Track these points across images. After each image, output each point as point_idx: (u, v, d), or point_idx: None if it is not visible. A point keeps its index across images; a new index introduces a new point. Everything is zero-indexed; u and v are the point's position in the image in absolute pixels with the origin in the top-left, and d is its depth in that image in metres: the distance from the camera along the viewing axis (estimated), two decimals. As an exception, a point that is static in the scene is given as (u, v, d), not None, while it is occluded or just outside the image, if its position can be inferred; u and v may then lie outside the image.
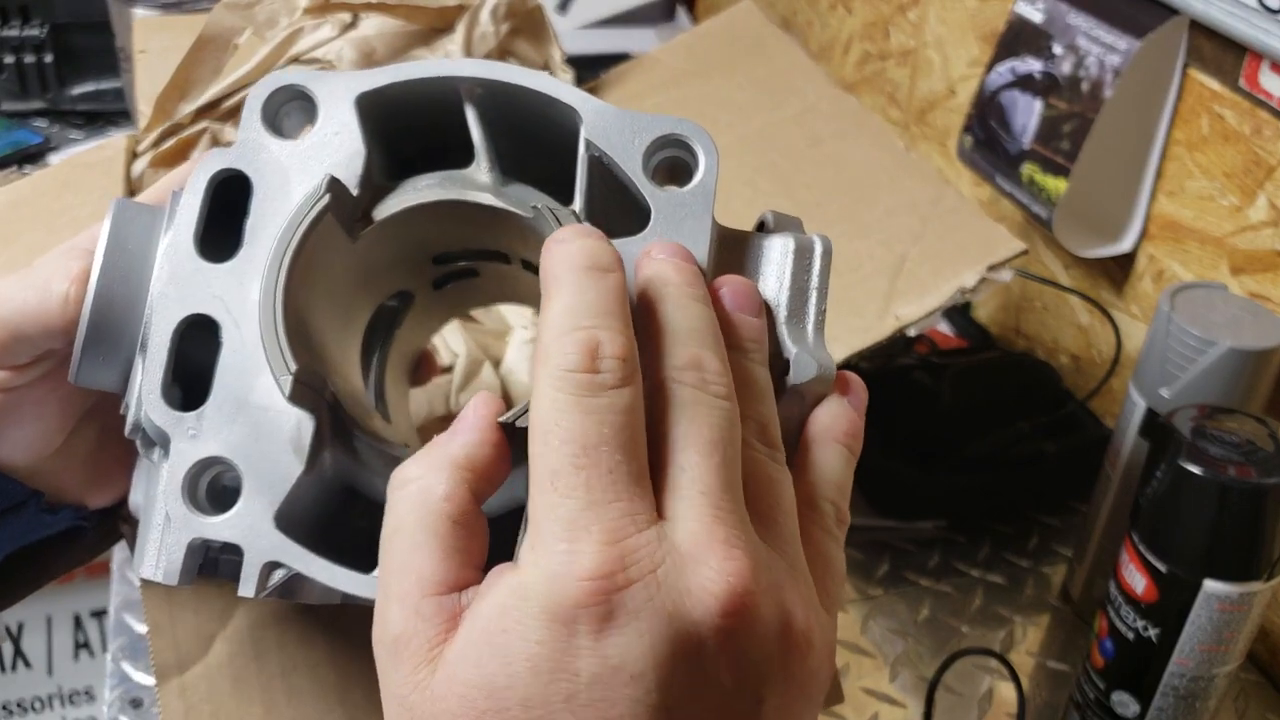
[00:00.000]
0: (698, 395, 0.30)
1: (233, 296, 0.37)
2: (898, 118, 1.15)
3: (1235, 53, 0.74)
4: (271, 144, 0.38)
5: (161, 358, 0.36)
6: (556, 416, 0.29)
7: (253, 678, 0.47)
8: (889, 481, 0.84)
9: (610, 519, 0.28)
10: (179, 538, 0.34)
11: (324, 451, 0.36)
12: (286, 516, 0.35)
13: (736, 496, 0.30)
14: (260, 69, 0.61)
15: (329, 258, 0.38)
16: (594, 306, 0.30)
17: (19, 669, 1.33)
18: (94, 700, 1.35)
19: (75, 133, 1.31)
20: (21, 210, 0.62)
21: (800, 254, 0.37)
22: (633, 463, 0.29)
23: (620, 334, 0.30)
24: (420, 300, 0.47)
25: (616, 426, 0.29)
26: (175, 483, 0.35)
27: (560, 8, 1.49)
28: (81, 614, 1.34)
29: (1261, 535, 0.58)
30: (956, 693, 0.72)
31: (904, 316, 0.61)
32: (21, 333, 0.40)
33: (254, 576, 0.34)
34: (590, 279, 0.31)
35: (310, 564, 0.34)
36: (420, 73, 0.38)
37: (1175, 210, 0.82)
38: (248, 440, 0.35)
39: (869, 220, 0.65)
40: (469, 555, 0.31)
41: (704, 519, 0.29)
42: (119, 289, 0.38)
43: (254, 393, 0.36)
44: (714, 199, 0.37)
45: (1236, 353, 0.65)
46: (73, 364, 0.39)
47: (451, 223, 0.40)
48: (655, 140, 0.37)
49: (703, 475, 0.29)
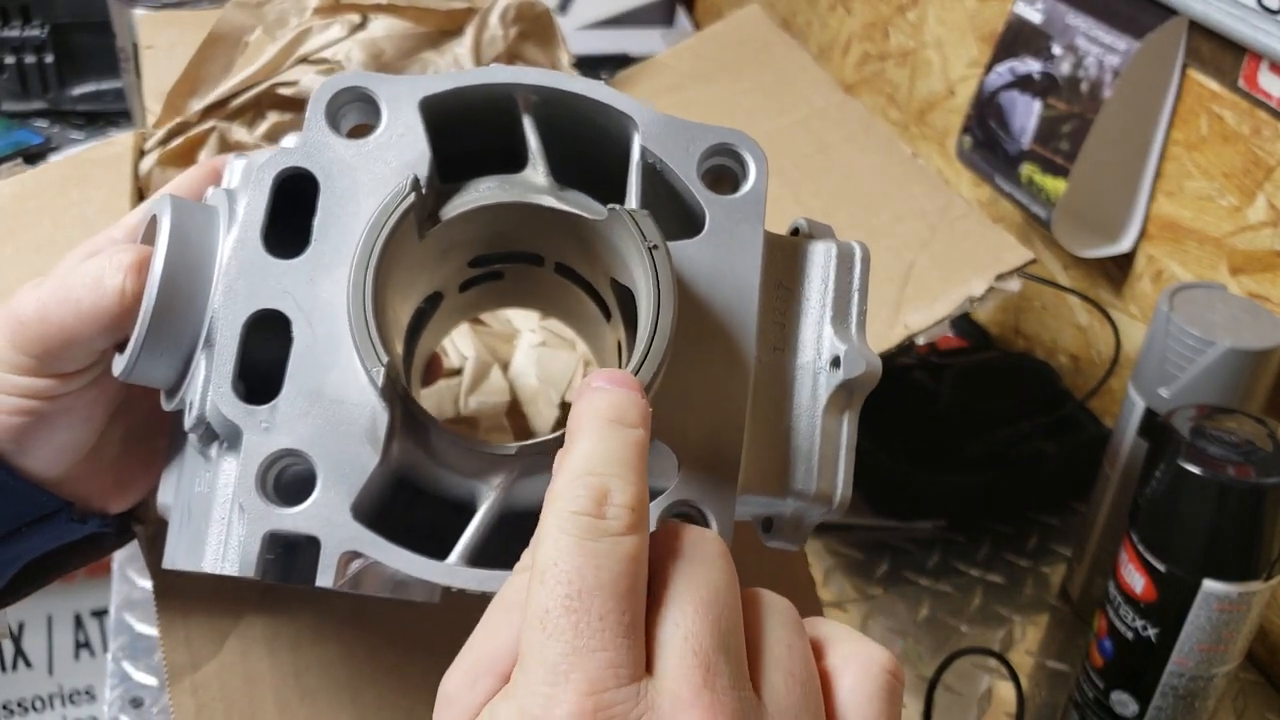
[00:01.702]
0: (700, 548, 0.30)
1: (302, 292, 0.37)
2: (897, 118, 1.16)
3: (1234, 53, 0.75)
4: (336, 144, 0.38)
5: (232, 351, 0.36)
6: (556, 556, 0.28)
7: (265, 676, 0.47)
8: (888, 481, 0.85)
9: (593, 668, 0.27)
10: (254, 530, 0.34)
11: (395, 443, 0.36)
12: (361, 507, 0.35)
13: (735, 662, 0.29)
14: (269, 68, 0.62)
15: (398, 256, 0.38)
16: (611, 456, 0.30)
17: (19, 668, 1.33)
18: (95, 700, 1.35)
19: (76, 133, 1.31)
20: (26, 203, 0.62)
21: (842, 259, 0.39)
22: (626, 613, 0.28)
23: (633, 484, 0.30)
24: (447, 302, 0.48)
25: (615, 573, 0.28)
26: (249, 475, 0.35)
27: (560, 8, 1.50)
28: (82, 613, 1.34)
29: (1260, 535, 0.58)
30: (956, 692, 0.72)
31: (913, 325, 0.61)
32: (75, 335, 0.40)
33: (332, 566, 0.34)
34: (612, 431, 0.31)
35: (389, 553, 0.34)
36: (482, 79, 0.39)
37: (1174, 210, 0.82)
38: (322, 433, 0.35)
39: (877, 227, 0.65)
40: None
41: (692, 681, 0.28)
42: (182, 281, 0.38)
43: (327, 386, 0.36)
44: (764, 204, 0.38)
45: (1235, 353, 0.66)
46: (129, 357, 0.39)
47: (508, 224, 0.40)
48: (709, 149, 0.39)
49: (696, 634, 0.28)
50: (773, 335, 0.39)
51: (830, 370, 0.38)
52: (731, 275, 0.38)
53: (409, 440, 0.36)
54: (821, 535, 0.83)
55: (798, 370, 0.39)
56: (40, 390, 0.41)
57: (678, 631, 0.28)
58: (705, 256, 0.38)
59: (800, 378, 0.39)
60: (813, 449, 0.38)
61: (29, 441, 0.42)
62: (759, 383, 0.38)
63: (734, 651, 0.29)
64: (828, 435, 0.38)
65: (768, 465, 0.38)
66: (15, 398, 0.41)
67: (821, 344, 0.38)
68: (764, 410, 0.38)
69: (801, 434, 0.38)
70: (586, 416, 0.31)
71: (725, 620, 0.29)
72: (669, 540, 0.30)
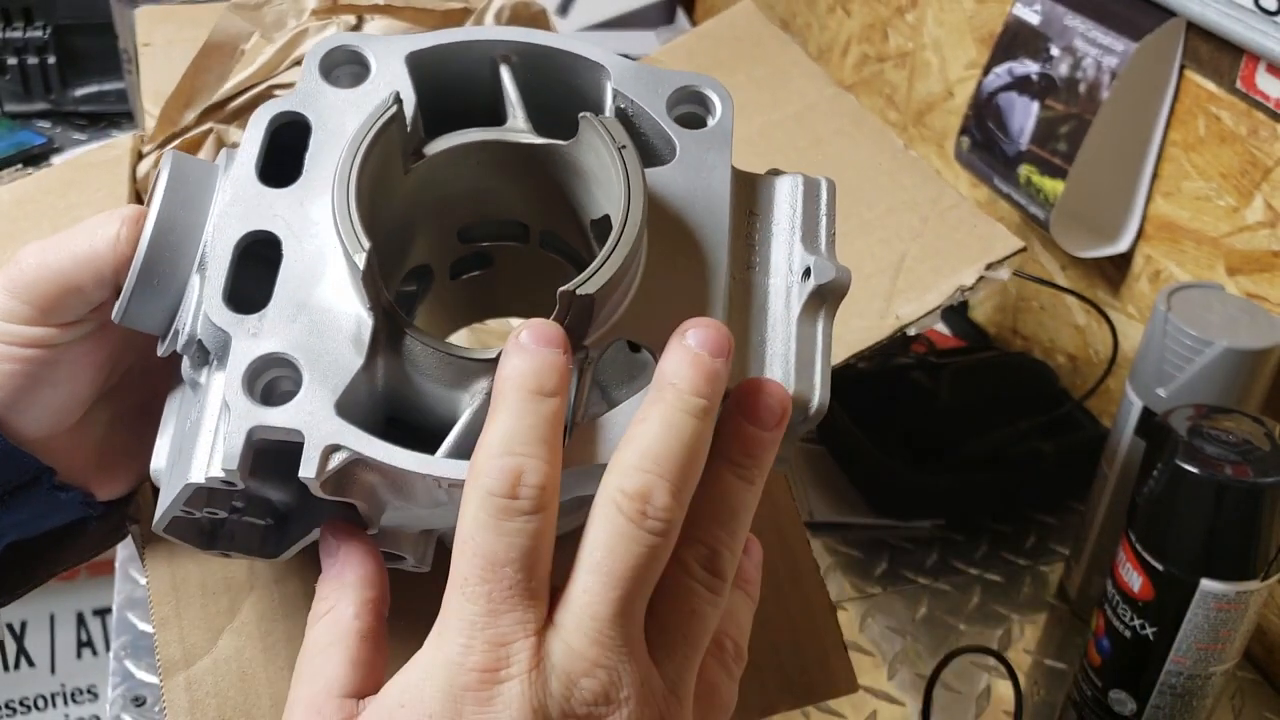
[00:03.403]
0: (627, 527, 0.33)
1: (293, 215, 0.39)
2: (896, 119, 1.16)
3: (1232, 54, 0.75)
4: (329, 92, 0.41)
5: (223, 268, 0.38)
6: (474, 530, 0.33)
7: (260, 671, 0.48)
8: (887, 480, 0.85)
9: (503, 626, 0.32)
10: (239, 425, 0.35)
11: (380, 356, 0.37)
12: (345, 409, 0.36)
13: (626, 624, 0.33)
14: (266, 70, 0.62)
15: (386, 187, 0.40)
16: (527, 434, 0.33)
17: (22, 667, 1.33)
18: (97, 699, 1.35)
19: (78, 134, 1.31)
20: (26, 208, 0.63)
21: (809, 187, 0.42)
22: (531, 580, 0.33)
23: (545, 463, 0.33)
24: (436, 288, 0.48)
25: (523, 549, 0.33)
26: (236, 377, 0.36)
27: (561, 10, 1.50)
28: (84, 612, 1.34)
29: (1258, 534, 0.58)
30: (954, 690, 0.72)
31: (904, 316, 0.61)
32: (73, 283, 0.41)
33: (314, 459, 0.35)
34: (531, 404, 0.34)
35: (371, 446, 0.35)
36: (462, 36, 0.42)
37: (1172, 211, 0.82)
38: (308, 337, 0.37)
39: (870, 218, 0.65)
40: (372, 670, 0.36)
41: (584, 638, 0.33)
42: (179, 221, 0.40)
43: (314, 297, 0.37)
44: (731, 138, 0.41)
45: (1233, 352, 0.66)
46: (124, 295, 0.40)
47: (490, 176, 0.42)
48: (676, 91, 0.41)
49: (596, 602, 0.33)
50: (744, 256, 0.41)
51: (802, 282, 0.40)
52: (703, 196, 0.40)
53: (392, 352, 0.37)
54: (820, 535, 0.84)
55: (770, 287, 0.40)
56: (39, 339, 0.42)
57: (583, 597, 0.33)
58: (676, 179, 0.40)
59: (773, 293, 0.40)
60: (789, 353, 0.39)
61: (21, 398, 0.42)
62: (734, 299, 0.39)
63: (631, 618, 0.33)
64: (803, 339, 0.39)
65: (746, 373, 0.39)
66: (13, 347, 0.42)
67: (793, 261, 0.40)
68: (739, 323, 0.39)
69: (777, 341, 0.39)
70: (509, 384, 0.34)
71: (631, 589, 0.33)
72: (608, 509, 0.33)
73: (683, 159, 0.40)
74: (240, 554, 0.43)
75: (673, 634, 0.35)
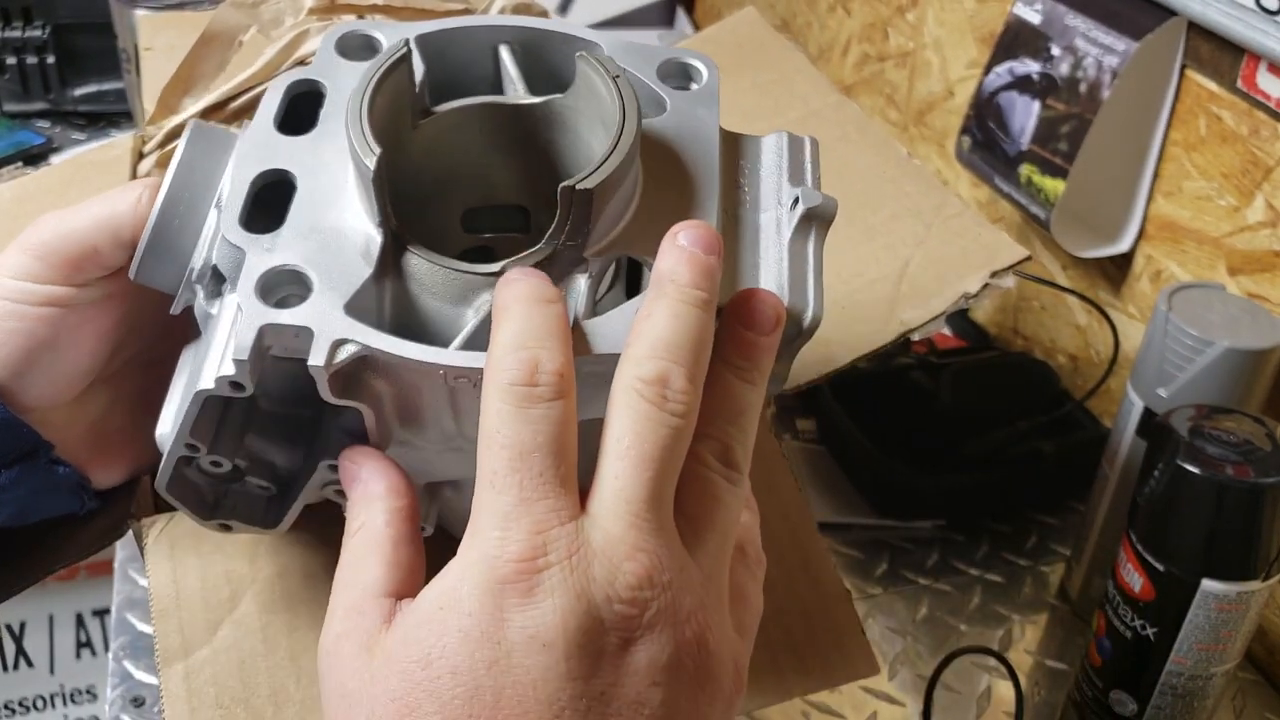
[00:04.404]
0: (650, 410, 0.34)
1: (308, 157, 0.41)
2: (896, 119, 1.16)
3: (1233, 54, 0.75)
4: (343, 64, 0.44)
5: (240, 197, 0.39)
6: (499, 424, 0.33)
7: (260, 661, 0.47)
8: (888, 481, 0.85)
9: (537, 514, 0.32)
10: (250, 323, 0.36)
11: (388, 273, 0.38)
12: (354, 311, 0.37)
13: (659, 509, 0.33)
14: (266, 71, 0.62)
15: (395, 135, 0.41)
16: (537, 330, 0.34)
17: (21, 668, 1.33)
18: (96, 699, 1.35)
19: (77, 134, 1.31)
20: (26, 206, 0.63)
21: (794, 141, 0.44)
22: (561, 466, 0.33)
23: (559, 353, 0.34)
24: None
25: (550, 435, 0.33)
26: (249, 284, 0.37)
27: (561, 9, 1.50)
28: (84, 613, 1.34)
29: (1259, 535, 0.58)
30: (955, 691, 0.72)
31: (908, 321, 0.61)
32: (90, 243, 0.42)
33: (324, 350, 0.35)
34: (536, 308, 0.35)
35: (380, 339, 0.36)
36: (467, 23, 0.45)
37: (1173, 211, 0.82)
38: (319, 253, 0.38)
39: (873, 225, 0.65)
40: (410, 572, 0.36)
41: (621, 523, 0.33)
42: (198, 169, 0.42)
43: (326, 220, 0.39)
44: (718, 99, 0.43)
45: (1234, 353, 0.66)
46: (140, 250, 0.42)
47: (490, 143, 0.44)
48: (665, 63, 0.44)
49: (629, 485, 0.33)
50: (735, 196, 0.43)
51: (791, 210, 0.41)
52: (693, 140, 0.42)
53: (397, 271, 0.38)
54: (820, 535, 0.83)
55: (761, 221, 0.42)
56: (51, 297, 0.43)
57: (615, 483, 0.33)
58: (668, 126, 0.43)
59: (764, 226, 0.42)
60: (782, 270, 0.40)
61: (26, 362, 0.43)
62: (726, 231, 0.41)
63: (663, 504, 0.34)
64: (795, 257, 0.41)
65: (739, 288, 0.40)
66: (24, 305, 0.42)
67: (781, 196, 0.42)
68: (732, 251, 0.41)
69: (770, 262, 0.41)
70: (510, 297, 0.35)
71: (660, 470, 0.33)
72: (628, 397, 0.34)
73: (674, 113, 0.43)
74: (242, 524, 0.44)
75: (700, 522, 0.35)
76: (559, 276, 0.38)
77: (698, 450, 0.35)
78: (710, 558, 0.35)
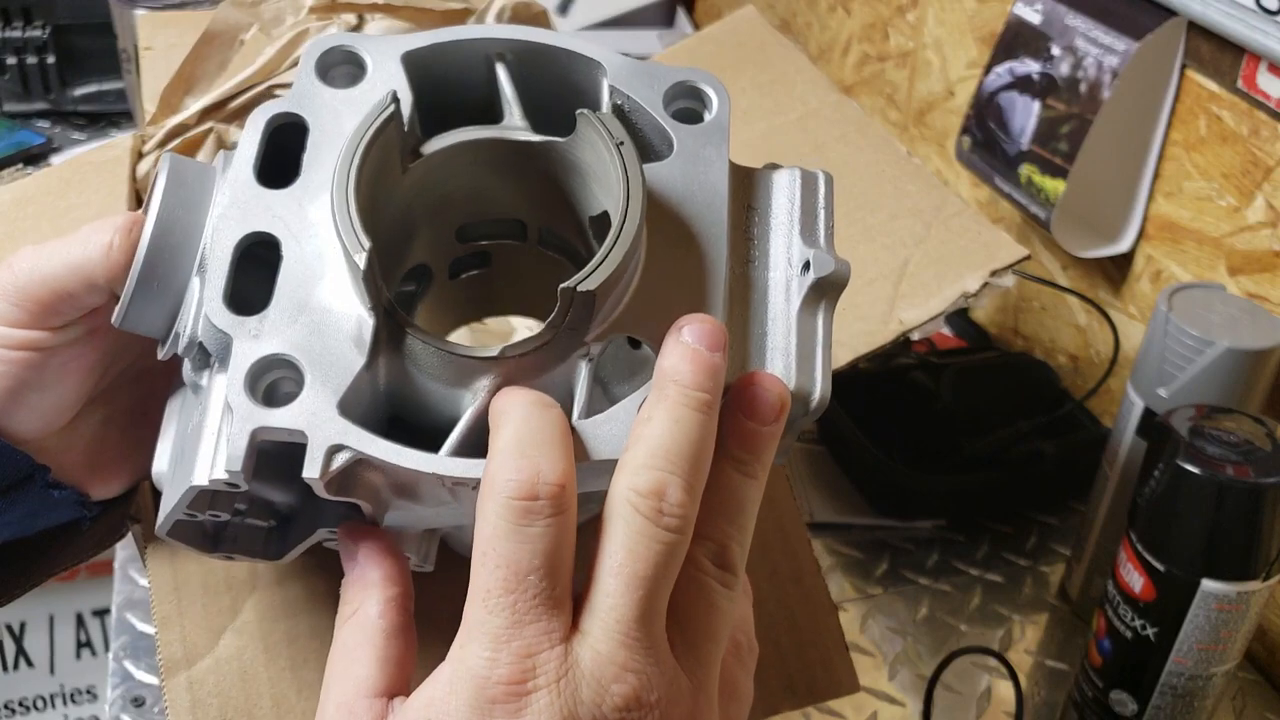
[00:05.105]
0: (645, 526, 0.33)
1: (292, 216, 0.39)
2: (896, 119, 1.16)
3: (1233, 54, 0.75)
4: (324, 92, 0.41)
5: (224, 269, 0.38)
6: (495, 540, 0.33)
7: (262, 671, 0.48)
8: (888, 481, 0.85)
9: (529, 636, 0.32)
10: (242, 426, 0.35)
11: (381, 356, 0.37)
12: (348, 407, 0.36)
13: (651, 625, 0.33)
14: (266, 70, 0.62)
15: (384, 187, 0.39)
16: (537, 436, 0.34)
17: (21, 668, 1.33)
18: (96, 699, 1.35)
19: (77, 134, 1.31)
20: (26, 208, 0.63)
21: (807, 180, 0.41)
22: (556, 587, 0.33)
23: (560, 459, 0.33)
24: (435, 287, 0.48)
25: (546, 554, 0.33)
26: (238, 379, 0.36)
27: (561, 9, 1.50)
28: (84, 613, 1.34)
29: (1259, 535, 0.58)
30: (955, 691, 0.72)
31: (907, 320, 0.61)
32: (64, 289, 0.41)
33: (319, 459, 0.34)
34: (537, 411, 0.34)
35: (374, 445, 0.35)
36: (457, 35, 0.42)
37: (1173, 211, 0.82)
38: (309, 338, 0.36)
39: (873, 225, 0.65)
40: (401, 667, 0.36)
41: (611, 642, 0.33)
42: (178, 224, 0.40)
43: (314, 298, 0.37)
44: (728, 132, 0.41)
45: (1234, 353, 0.66)
46: (124, 299, 0.40)
47: (487, 175, 0.42)
48: (672, 87, 0.41)
49: (620, 604, 0.33)
50: (744, 250, 0.41)
51: (801, 275, 0.40)
52: (700, 191, 0.40)
53: (393, 352, 0.37)
54: (821, 535, 0.83)
55: (770, 281, 0.40)
56: (29, 341, 0.42)
57: (606, 601, 0.33)
58: (675, 174, 0.40)
59: (773, 287, 0.40)
60: (789, 346, 0.39)
61: (11, 401, 0.42)
62: (733, 293, 0.39)
63: (655, 619, 0.33)
64: (803, 332, 0.39)
65: (746, 367, 0.39)
66: (3, 349, 0.42)
67: (792, 254, 0.40)
68: (739, 317, 0.39)
69: (778, 334, 0.39)
70: (510, 401, 0.35)
71: (652, 588, 0.33)
72: (624, 509, 0.33)
73: (680, 154, 0.40)
74: (243, 556, 0.43)
75: (694, 632, 0.35)
76: (558, 360, 0.37)
77: (694, 554, 0.35)
78: (702, 666, 0.35)
